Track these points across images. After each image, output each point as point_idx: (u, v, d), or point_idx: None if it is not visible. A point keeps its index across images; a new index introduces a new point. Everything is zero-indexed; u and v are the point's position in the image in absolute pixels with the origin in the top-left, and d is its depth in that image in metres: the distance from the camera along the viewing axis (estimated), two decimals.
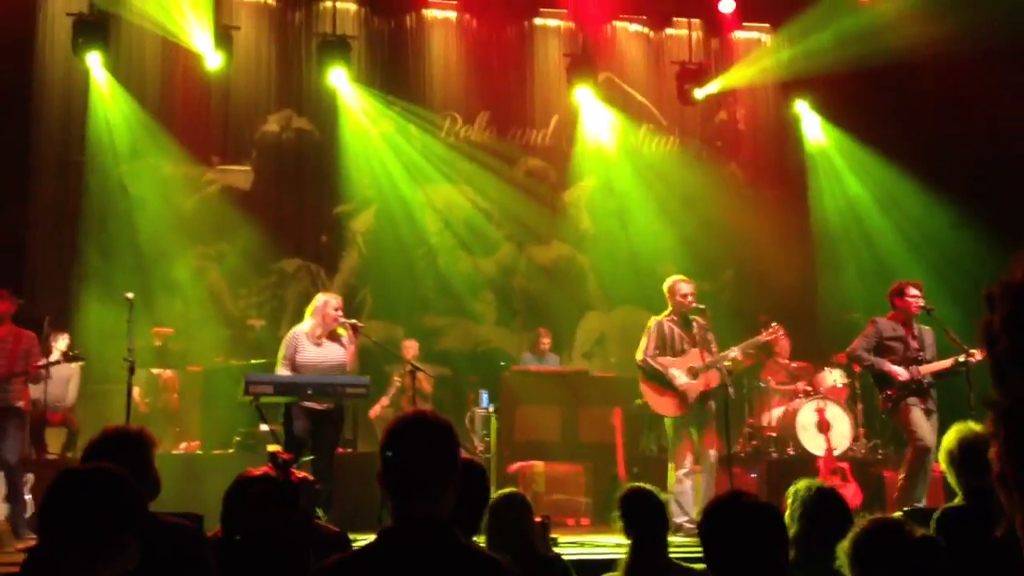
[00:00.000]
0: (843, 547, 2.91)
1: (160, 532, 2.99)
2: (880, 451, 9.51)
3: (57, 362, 8.29)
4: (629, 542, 3.83)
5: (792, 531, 3.69)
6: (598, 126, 12.70)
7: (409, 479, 2.34)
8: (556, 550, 5.10)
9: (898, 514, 3.98)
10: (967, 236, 10.47)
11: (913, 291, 7.59)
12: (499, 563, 2.36)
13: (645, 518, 3.82)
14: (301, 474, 3.94)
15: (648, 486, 4.00)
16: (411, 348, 10.45)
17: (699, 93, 12.15)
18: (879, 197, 12.32)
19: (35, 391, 8.27)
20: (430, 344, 11.55)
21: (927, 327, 7.67)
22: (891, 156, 11.82)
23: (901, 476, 7.39)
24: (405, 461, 2.36)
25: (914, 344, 7.53)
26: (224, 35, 11.08)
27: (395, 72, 12.25)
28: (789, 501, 3.78)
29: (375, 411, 10.20)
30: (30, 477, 7.86)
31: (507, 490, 4.20)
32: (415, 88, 12.34)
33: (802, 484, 3.87)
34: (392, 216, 12.21)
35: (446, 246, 12.37)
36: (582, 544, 6.52)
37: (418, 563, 2.27)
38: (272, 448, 4.00)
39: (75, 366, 8.82)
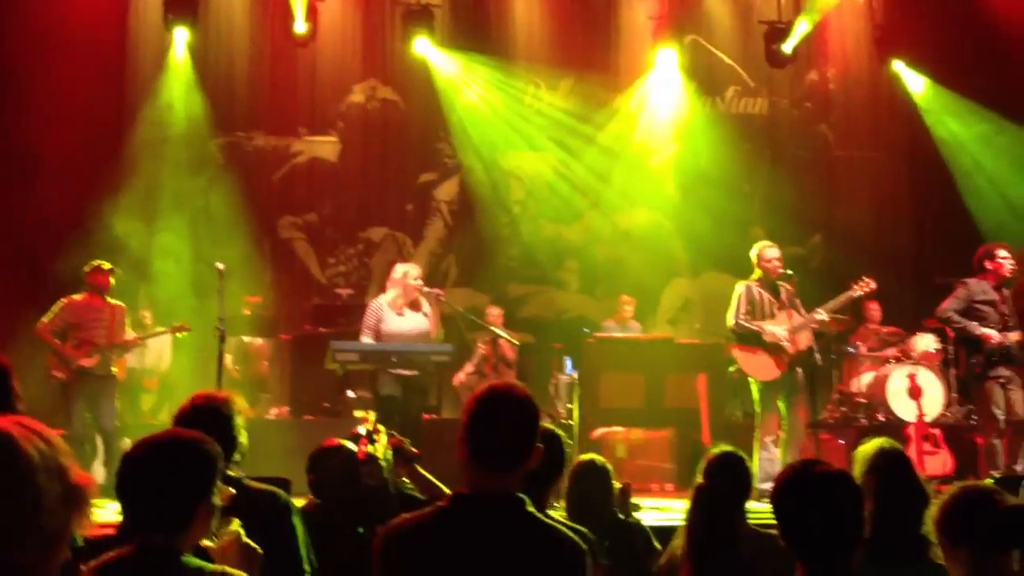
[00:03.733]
0: (931, 514, 2.86)
1: (247, 497, 3.07)
2: (974, 417, 9.26)
3: (162, 332, 8.63)
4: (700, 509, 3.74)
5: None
6: (678, 91, 12.50)
7: (489, 450, 2.36)
8: (637, 516, 5.11)
9: (988, 481, 3.89)
10: None
11: (1003, 252, 7.37)
12: (571, 539, 2.37)
13: (727, 481, 3.73)
14: (394, 440, 4.02)
15: (734, 449, 3.95)
16: (495, 316, 10.50)
17: (785, 49, 11.84)
18: (982, 157, 11.91)
19: (131, 359, 8.56)
20: (514, 312, 11.60)
21: (1009, 293, 7.45)
22: (1000, 112, 11.42)
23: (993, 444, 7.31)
24: (487, 432, 2.37)
25: (1004, 308, 7.33)
26: (310, 7, 11.19)
27: (478, 40, 12.20)
28: (857, 462, 3.69)
29: (459, 378, 10.29)
30: (127, 441, 8.15)
31: (586, 456, 4.21)
32: (498, 55, 12.29)
33: (870, 442, 3.76)
34: (477, 184, 12.25)
35: (530, 214, 12.38)
36: (664, 509, 6.51)
37: (489, 533, 2.29)
38: (359, 414, 4.08)
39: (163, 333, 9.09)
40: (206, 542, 2.44)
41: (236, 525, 2.78)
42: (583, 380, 9.24)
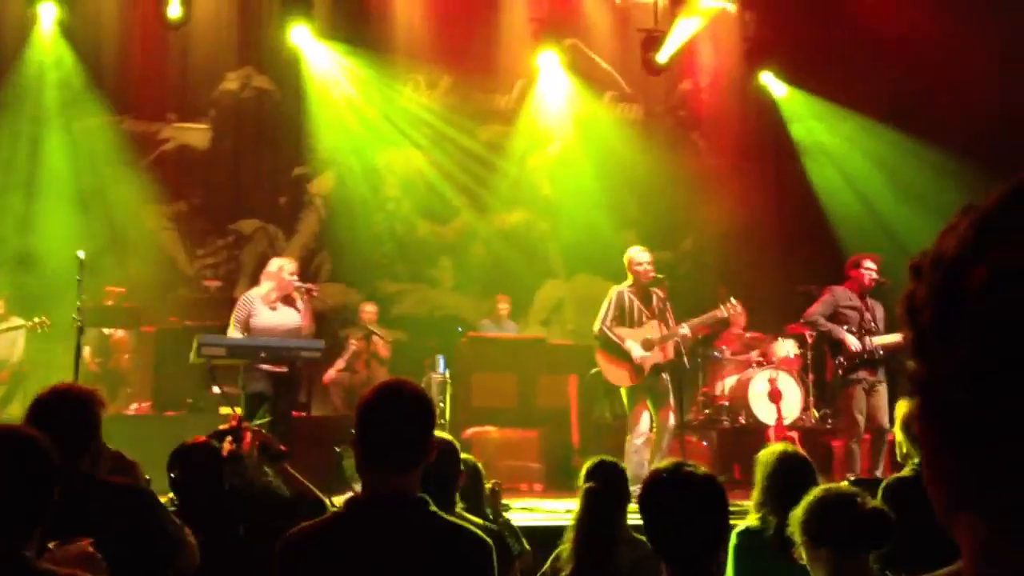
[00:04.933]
0: (795, 516, 2.94)
1: (102, 494, 2.94)
2: (829, 421, 9.62)
3: (20, 327, 8.24)
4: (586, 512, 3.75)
5: (757, 495, 3.74)
6: (562, 93, 12.64)
7: (383, 450, 2.30)
8: (507, 515, 5.12)
9: (844, 483, 4.03)
10: (952, 189, 10.54)
11: (869, 263, 7.71)
12: (477, 536, 2.34)
13: (608, 489, 3.75)
14: (261, 437, 3.92)
15: (611, 458, 3.99)
16: (369, 312, 10.41)
17: (660, 59, 12.09)
18: (853, 163, 12.38)
19: None
20: (388, 309, 11.52)
21: (878, 302, 7.79)
22: (866, 118, 11.90)
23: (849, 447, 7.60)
24: (379, 431, 2.31)
25: (868, 315, 7.66)
26: None
27: (358, 33, 12.07)
28: (757, 464, 3.81)
29: (330, 375, 10.16)
30: None
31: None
32: (378, 50, 12.17)
33: (768, 449, 3.91)
34: (351, 179, 12.10)
35: (405, 211, 12.30)
36: (533, 510, 6.55)
37: (391, 535, 2.23)
38: (225, 410, 3.97)
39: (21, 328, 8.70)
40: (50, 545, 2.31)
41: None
42: (455, 379, 9.23)
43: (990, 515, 0.68)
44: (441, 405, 9.24)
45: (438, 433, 3.73)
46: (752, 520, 3.73)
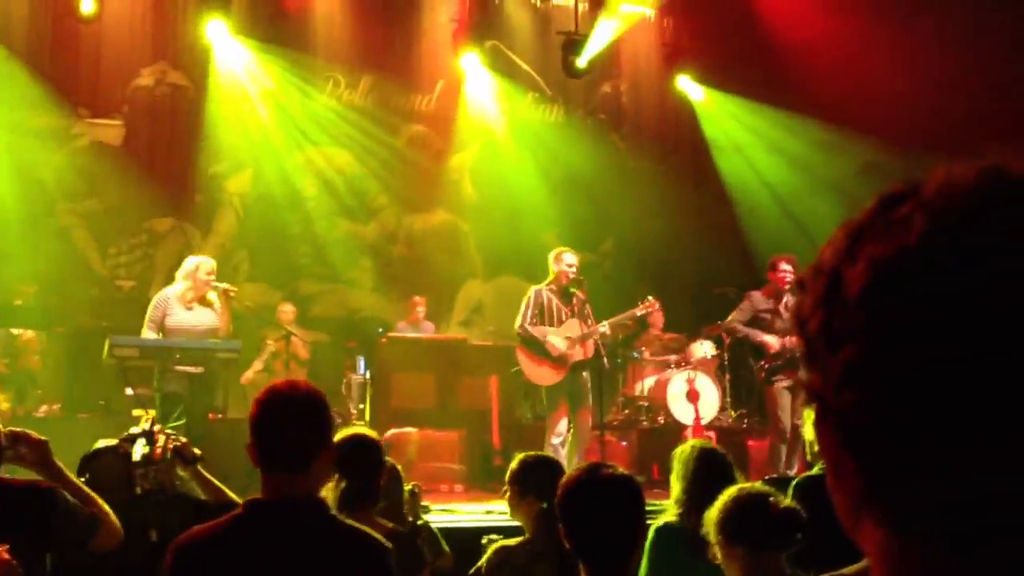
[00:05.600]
0: (710, 516, 2.98)
1: (5, 496, 2.86)
2: (745, 420, 9.80)
3: None
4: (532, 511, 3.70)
5: (676, 493, 3.78)
6: (483, 94, 12.65)
7: (278, 452, 2.28)
8: (427, 517, 5.11)
9: (759, 484, 4.11)
10: (870, 184, 10.80)
11: (784, 266, 7.84)
12: (376, 541, 2.32)
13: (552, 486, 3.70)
14: (175, 441, 3.85)
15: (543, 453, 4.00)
16: (287, 313, 10.29)
17: (580, 63, 12.18)
18: (770, 164, 12.60)
19: None
20: (307, 309, 11.40)
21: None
22: (784, 117, 12.14)
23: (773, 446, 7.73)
24: (273, 433, 2.29)
25: (786, 316, 7.79)
26: None
27: (276, 31, 11.92)
28: (675, 461, 3.86)
29: (247, 376, 10.01)
30: None
31: None
32: (297, 48, 12.04)
33: (686, 445, 3.95)
34: (269, 178, 11.94)
35: (324, 211, 12.18)
36: (454, 511, 6.55)
37: (286, 538, 2.21)
38: (138, 413, 3.89)
39: None
40: None
41: None
42: (375, 380, 9.19)
43: (889, 520, 0.69)
44: (361, 406, 9.19)
45: (361, 430, 3.72)
46: (671, 516, 3.76)
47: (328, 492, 3.43)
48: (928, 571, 0.67)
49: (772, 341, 7.69)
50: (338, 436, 3.53)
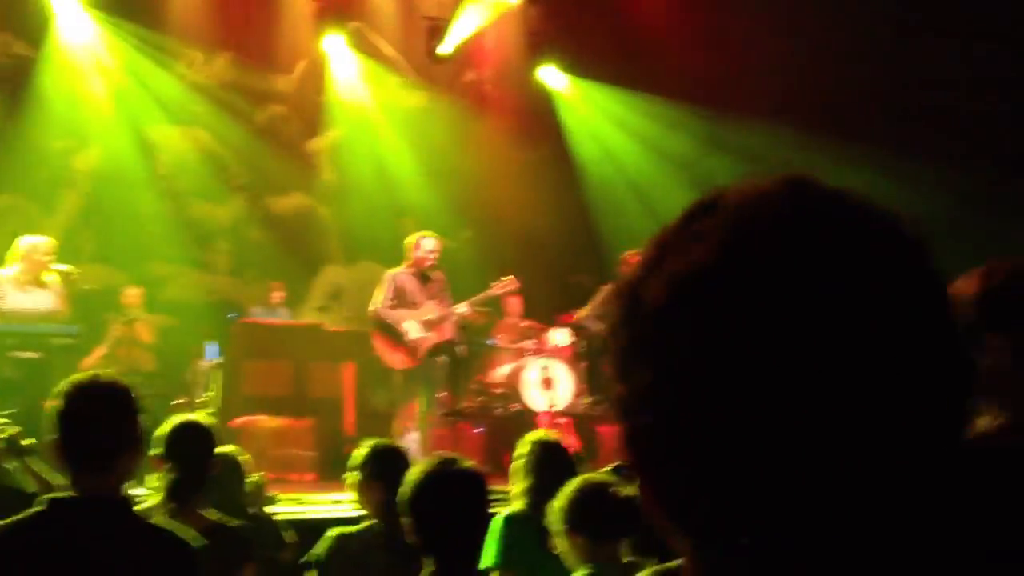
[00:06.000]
0: (554, 506, 3.00)
1: None
2: (597, 407, 9.92)
3: None
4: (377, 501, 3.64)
5: (525, 484, 3.82)
6: (346, 76, 12.45)
7: (81, 448, 2.19)
8: (275, 508, 5.01)
9: (603, 472, 4.17)
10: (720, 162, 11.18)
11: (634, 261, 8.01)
12: (179, 541, 2.26)
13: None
14: (6, 430, 3.67)
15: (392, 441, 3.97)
16: (133, 296, 9.92)
17: (444, 50, 12.14)
18: (631, 155, 12.81)
19: None
20: (156, 292, 10.99)
21: None
22: (648, 106, 12.38)
23: None
24: (75, 428, 2.20)
25: None
26: None
27: (130, 3, 11.44)
28: (520, 453, 3.90)
29: (88, 361, 9.58)
30: None
31: (219, 449, 4.05)
32: (151, 20, 11.58)
33: (531, 437, 4.00)
34: (119, 156, 11.47)
35: (178, 191, 11.78)
36: (301, 501, 6.43)
37: (88, 536, 2.13)
38: None
39: None
40: None
41: None
42: (227, 366, 8.97)
43: (688, 541, 0.68)
44: (212, 393, 8.96)
45: (193, 417, 3.60)
46: (519, 506, 3.80)
47: (157, 481, 3.32)
48: None
49: None
50: (168, 424, 3.42)
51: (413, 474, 2.64)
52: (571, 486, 3.03)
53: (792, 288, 0.62)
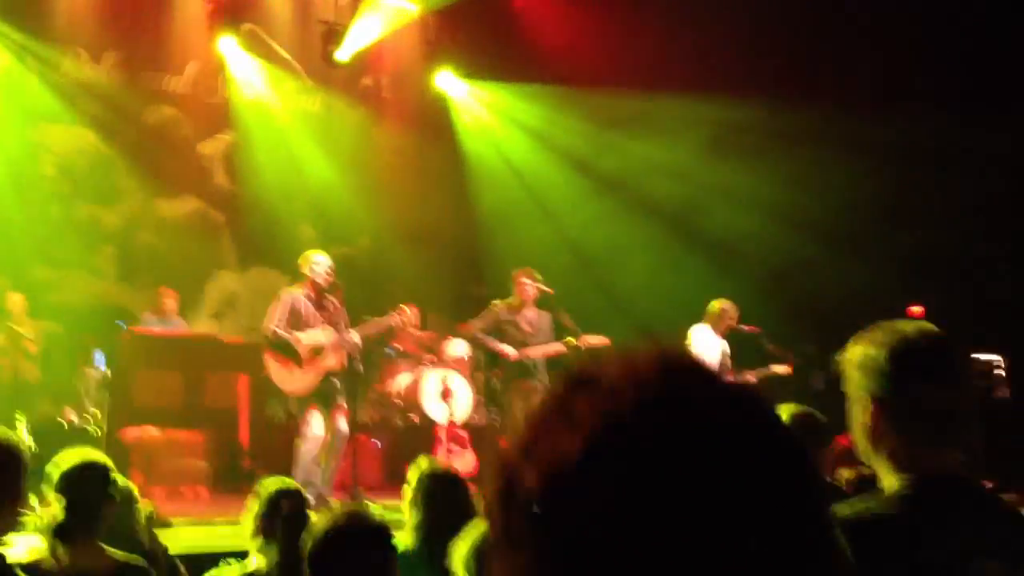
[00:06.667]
0: (459, 553, 2.76)
1: None
2: (498, 420, 9.95)
3: None
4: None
5: (415, 519, 3.69)
6: (242, 79, 12.21)
7: None
8: (167, 542, 4.84)
9: None
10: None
11: (524, 279, 8.15)
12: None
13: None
14: None
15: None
16: (15, 302, 9.55)
17: (340, 55, 12.02)
18: (528, 163, 12.87)
19: None
20: (39, 298, 10.59)
21: (546, 312, 8.22)
22: (546, 112, 12.46)
23: None
24: None
25: (526, 328, 8.09)
26: None
27: None
28: (410, 486, 3.77)
29: None
30: None
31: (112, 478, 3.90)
32: (34, 17, 11.16)
33: (423, 465, 3.86)
34: (1, 155, 11.03)
35: (63, 192, 11.37)
36: (196, 527, 6.21)
37: None
38: None
39: None
40: None
41: None
42: (116, 376, 8.72)
43: None
44: (94, 409, 8.70)
45: (87, 453, 3.44)
46: (408, 542, 3.67)
47: (43, 518, 3.18)
48: None
49: (509, 351, 7.99)
50: (62, 458, 3.29)
51: (317, 531, 2.57)
52: (478, 528, 2.90)
53: (658, 487, 0.63)
